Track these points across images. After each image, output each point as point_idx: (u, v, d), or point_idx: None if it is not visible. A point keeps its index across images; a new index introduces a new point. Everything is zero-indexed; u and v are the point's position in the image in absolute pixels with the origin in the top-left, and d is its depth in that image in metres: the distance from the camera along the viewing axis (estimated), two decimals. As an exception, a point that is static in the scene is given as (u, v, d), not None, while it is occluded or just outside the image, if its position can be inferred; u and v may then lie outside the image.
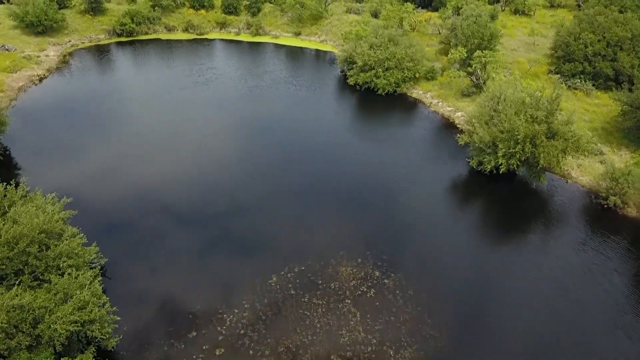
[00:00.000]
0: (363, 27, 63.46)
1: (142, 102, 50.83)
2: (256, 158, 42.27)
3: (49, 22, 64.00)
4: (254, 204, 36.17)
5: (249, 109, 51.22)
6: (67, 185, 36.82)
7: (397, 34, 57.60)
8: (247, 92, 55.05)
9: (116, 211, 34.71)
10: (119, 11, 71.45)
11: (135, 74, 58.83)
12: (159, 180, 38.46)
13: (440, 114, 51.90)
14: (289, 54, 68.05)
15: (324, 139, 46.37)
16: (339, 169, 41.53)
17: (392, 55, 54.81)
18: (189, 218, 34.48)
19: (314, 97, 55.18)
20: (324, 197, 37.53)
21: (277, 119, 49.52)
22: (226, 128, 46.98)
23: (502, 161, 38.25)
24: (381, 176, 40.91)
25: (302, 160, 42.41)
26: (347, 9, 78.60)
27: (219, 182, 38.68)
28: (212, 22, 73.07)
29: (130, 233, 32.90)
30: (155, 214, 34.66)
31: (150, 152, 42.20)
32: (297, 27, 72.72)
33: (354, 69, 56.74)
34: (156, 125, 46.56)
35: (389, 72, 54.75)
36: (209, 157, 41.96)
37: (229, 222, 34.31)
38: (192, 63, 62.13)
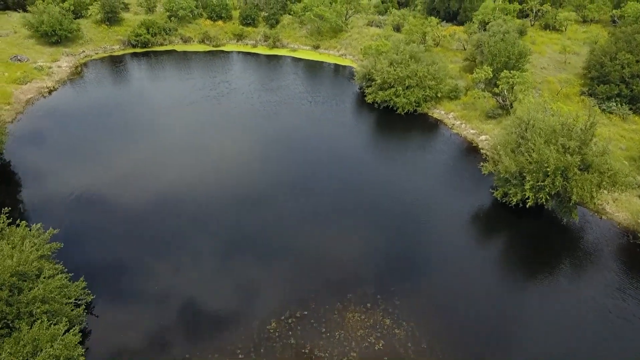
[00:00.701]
0: (384, 41, 60.83)
1: (147, 118, 48.90)
2: (262, 181, 39.79)
3: (64, 32, 62.95)
4: (257, 233, 33.63)
5: (259, 127, 48.90)
6: (62, 207, 34.91)
7: (419, 50, 54.73)
8: (259, 108, 52.80)
9: (112, 238, 32.54)
10: (135, 21, 70.22)
11: (145, 87, 57.16)
12: (159, 205, 36.23)
13: (462, 137, 48.76)
14: (306, 68, 65.72)
15: (337, 160, 43.71)
16: (353, 194, 38.81)
17: (413, 73, 51.95)
18: (186, 250, 32.09)
19: (330, 115, 52.62)
20: (333, 226, 34.82)
21: (288, 138, 47.09)
22: (232, 148, 44.63)
23: (529, 194, 34.99)
24: (398, 203, 38.09)
25: (312, 184, 39.79)
26: (368, 22, 76.02)
27: (219, 206, 36.26)
28: (229, 34, 71.28)
29: (125, 264, 30.63)
30: (153, 244, 32.37)
31: (150, 174, 40.08)
32: (316, 40, 70.42)
33: (372, 86, 54.03)
34: (157, 144, 44.43)
35: (410, 91, 51.88)
36: (211, 179, 39.60)
37: (229, 254, 31.81)
38: (205, 76, 60.23)
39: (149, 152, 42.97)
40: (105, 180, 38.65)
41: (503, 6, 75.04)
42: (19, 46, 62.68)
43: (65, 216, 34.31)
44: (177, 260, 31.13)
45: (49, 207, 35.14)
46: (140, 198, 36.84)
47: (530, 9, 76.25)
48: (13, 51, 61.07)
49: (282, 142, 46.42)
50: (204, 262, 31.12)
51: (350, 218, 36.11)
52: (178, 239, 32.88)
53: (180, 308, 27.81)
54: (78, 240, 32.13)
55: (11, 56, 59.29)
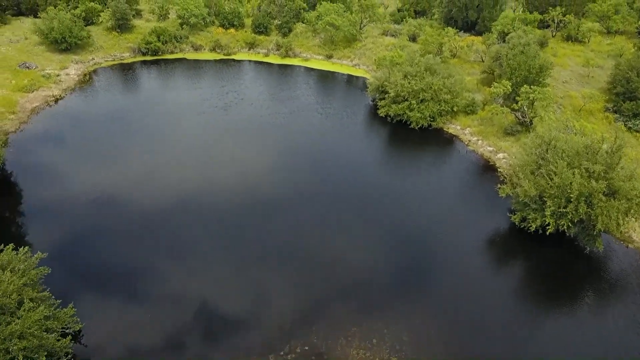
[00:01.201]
0: (398, 52, 58.94)
1: (153, 129, 47.55)
2: (266, 198, 38.07)
3: (74, 40, 62.18)
4: (258, 256, 31.87)
5: (266, 139, 47.28)
6: (59, 223, 33.57)
7: (434, 62, 52.68)
8: (267, 119, 51.21)
9: (109, 260, 31.03)
10: (147, 28, 69.31)
11: (153, 96, 55.96)
12: (156, 226, 34.69)
13: (479, 154, 46.56)
14: (318, 79, 64.06)
15: (346, 176, 41.89)
16: (362, 213, 37.00)
17: (428, 86, 49.93)
18: (184, 274, 30.46)
19: (341, 127, 50.82)
20: (340, 246, 32.96)
21: (295, 152, 45.39)
22: (234, 163, 42.98)
23: (550, 221, 32.73)
24: (410, 222, 36.30)
25: (319, 200, 38.00)
26: (383, 31, 74.15)
27: (218, 228, 34.58)
28: (241, 42, 69.98)
29: (120, 287, 29.09)
30: (150, 267, 30.80)
31: (151, 190, 38.61)
32: (329, 49, 68.78)
33: (385, 99, 52.10)
34: (160, 157, 42.94)
35: (424, 105, 49.85)
36: (213, 195, 37.94)
37: (226, 281, 30.08)
38: (215, 85, 58.88)
39: (151, 166, 41.53)
40: (104, 196, 37.25)
41: (523, 16, 72.67)
42: (29, 53, 62.06)
43: (61, 233, 32.96)
44: (172, 284, 29.50)
45: (45, 223, 33.84)
46: (140, 216, 35.34)
47: (551, 20, 73.73)
48: (22, 58, 60.43)
49: (289, 155, 44.71)
50: (198, 291, 29.42)
51: (358, 239, 34.22)
52: (175, 263, 31.27)
53: (174, 340, 26.12)
54: (72, 260, 30.71)
55: (20, 63, 58.62)
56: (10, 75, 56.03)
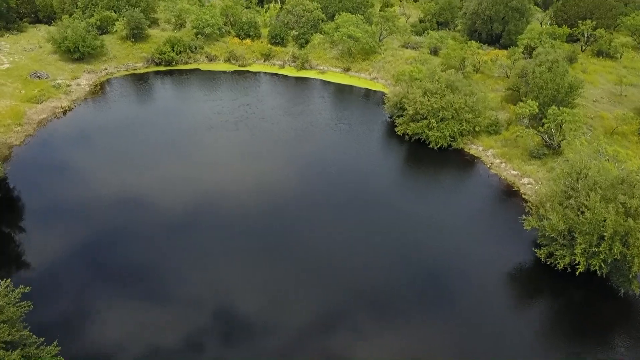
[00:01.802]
0: (418, 67, 56.45)
1: (156, 145, 45.67)
2: (272, 221, 35.91)
3: (86, 49, 61.14)
4: (263, 291, 29.63)
5: (276, 157, 45.21)
6: (53, 247, 31.85)
7: (456, 78, 50.01)
8: (278, 136, 49.14)
9: (102, 290, 29.15)
10: (162, 38, 68.07)
11: (162, 109, 54.35)
12: (153, 248, 32.75)
13: (502, 178, 43.67)
14: (334, 93, 61.84)
15: (360, 198, 39.61)
16: (376, 238, 34.89)
17: (448, 104, 47.30)
18: (183, 307, 28.38)
19: (356, 145, 48.48)
20: (350, 275, 30.60)
21: (306, 171, 43.19)
22: (241, 182, 40.95)
23: (580, 259, 29.85)
24: (425, 252, 34.04)
25: (329, 226, 35.79)
26: (403, 44, 71.68)
27: (219, 258, 32.46)
28: (257, 53, 68.22)
29: (112, 323, 27.13)
30: (149, 298, 28.81)
31: (150, 210, 36.74)
32: (346, 62, 66.59)
33: (403, 116, 49.59)
34: (162, 176, 41.04)
35: (444, 124, 47.20)
36: (212, 222, 35.83)
37: (228, 324, 27.88)
38: (227, 98, 57.11)
39: (154, 184, 39.69)
40: (104, 215, 35.53)
41: (551, 30, 69.57)
42: (41, 62, 61.20)
43: (58, 254, 31.27)
44: (169, 320, 27.43)
45: (39, 246, 32.17)
46: (142, 237, 33.48)
47: (581, 34, 70.40)
48: (34, 67, 59.56)
49: (299, 175, 42.50)
50: (199, 328, 27.28)
51: (369, 267, 31.90)
52: (177, 294, 29.22)
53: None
54: (64, 290, 28.90)
55: (31, 72, 57.70)
56: (20, 84, 55.11)
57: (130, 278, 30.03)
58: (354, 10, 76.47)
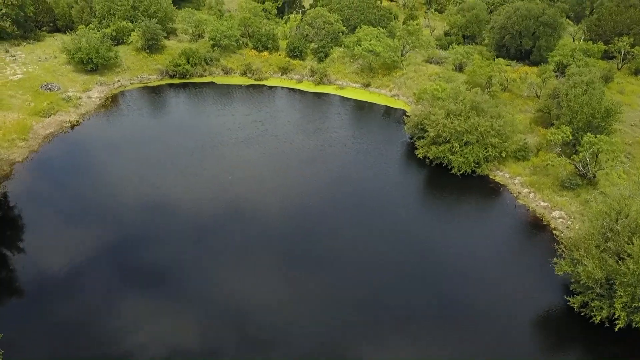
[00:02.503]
0: (441, 84, 53.29)
1: (160, 163, 43.55)
2: (281, 247, 33.36)
3: (100, 60, 59.72)
4: (270, 334, 26.98)
5: (286, 180, 42.74)
6: (45, 272, 29.83)
7: (482, 99, 46.76)
8: (291, 155, 46.66)
9: (91, 330, 26.94)
10: (178, 49, 66.37)
11: (170, 124, 52.30)
12: (149, 280, 30.42)
13: (530, 210, 40.21)
14: (352, 109, 59.09)
15: (376, 225, 37.30)
16: (393, 270, 32.80)
17: (473, 127, 44.07)
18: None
19: (373, 167, 45.67)
20: (367, 316, 27.77)
21: (318, 194, 40.64)
22: (246, 206, 38.50)
23: (620, 314, 26.41)
24: (445, 288, 31.59)
25: (341, 253, 33.46)
26: (427, 58, 68.58)
27: (220, 297, 29.96)
28: (274, 67, 65.93)
29: None
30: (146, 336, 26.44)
31: (147, 235, 34.54)
32: (366, 77, 63.78)
33: (425, 138, 46.51)
34: (163, 198, 38.87)
35: (468, 148, 43.96)
36: (211, 254, 33.43)
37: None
38: (240, 113, 54.86)
39: (153, 206, 37.55)
40: (101, 240, 33.50)
41: (585, 46, 65.67)
42: (55, 73, 60.00)
43: (51, 282, 29.30)
44: None
45: (29, 277, 30.23)
46: (140, 260, 31.23)
47: (617, 51, 66.30)
48: (47, 78, 58.36)
49: (310, 200, 39.86)
50: None
51: (387, 309, 29.33)
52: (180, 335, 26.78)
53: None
54: (50, 327, 26.76)
55: (42, 84, 56.45)
56: (30, 97, 53.82)
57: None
58: (376, 22, 73.75)
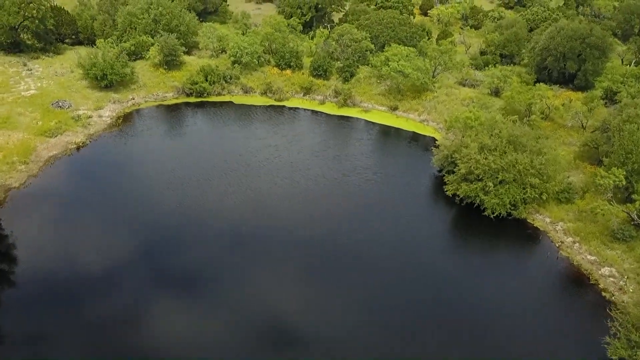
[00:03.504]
0: (475, 111, 48.54)
1: (164, 193, 40.62)
2: (292, 295, 29.44)
3: (114, 77, 57.27)
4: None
5: (298, 214, 39.11)
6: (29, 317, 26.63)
7: (521, 132, 41.82)
8: (305, 186, 42.97)
9: None
10: (197, 65, 63.53)
11: (178, 148, 49.10)
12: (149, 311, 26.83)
13: (574, 264, 35.07)
14: (377, 135, 54.84)
15: (397, 269, 33.74)
16: (417, 322, 29.40)
17: (510, 165, 39.20)
18: None
19: (397, 204, 41.53)
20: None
21: (332, 239, 36.45)
22: (250, 245, 34.85)
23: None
24: (474, 343, 28.03)
25: (361, 310, 29.41)
26: (460, 80, 63.80)
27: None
28: (296, 86, 62.28)
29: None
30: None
31: (137, 274, 31.11)
32: (394, 99, 59.41)
33: (455, 173, 41.87)
34: (160, 236, 35.61)
35: (504, 188, 39.09)
36: (203, 307, 29.74)
37: None
38: (255, 137, 51.36)
39: (149, 245, 34.22)
40: (92, 278, 30.38)
41: (638, 71, 59.72)
42: (69, 89, 57.87)
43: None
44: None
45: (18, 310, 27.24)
46: (131, 301, 27.71)
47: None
48: (59, 95, 56.22)
49: (323, 243, 35.80)
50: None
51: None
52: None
53: None
54: None
55: (53, 101, 54.26)
56: (39, 114, 51.61)
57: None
58: (407, 40, 69.36)
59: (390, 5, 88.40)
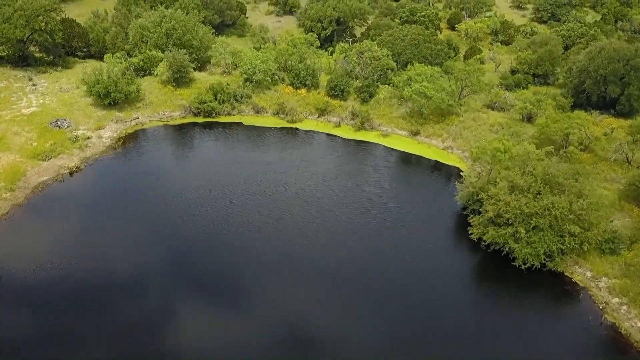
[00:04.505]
0: (505, 141, 43.51)
1: (154, 224, 37.63)
2: None
3: (118, 95, 54.17)
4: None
5: (302, 259, 34.84)
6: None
7: (559, 170, 36.67)
8: (311, 222, 39.05)
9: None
10: (208, 82, 60.13)
11: (180, 172, 45.87)
12: None
13: (622, 332, 29.81)
14: (395, 163, 50.27)
15: (417, 324, 29.77)
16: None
17: (546, 209, 34.18)
18: None
19: (414, 248, 36.98)
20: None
21: (342, 283, 32.27)
22: (230, 314, 30.60)
23: None
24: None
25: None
26: (489, 102, 58.75)
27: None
28: (311, 107, 58.15)
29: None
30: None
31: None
32: (415, 123, 54.73)
33: (481, 214, 37.01)
34: (146, 275, 31.80)
35: (537, 236, 34.07)
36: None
37: None
38: (260, 161, 47.55)
39: (139, 285, 30.32)
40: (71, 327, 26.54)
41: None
42: (71, 106, 55.04)
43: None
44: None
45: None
46: None
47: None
48: (60, 113, 53.40)
49: (333, 289, 31.54)
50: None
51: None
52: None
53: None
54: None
55: (53, 120, 51.39)
56: (36, 134, 48.76)
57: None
58: (431, 58, 64.68)
59: (416, 19, 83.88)
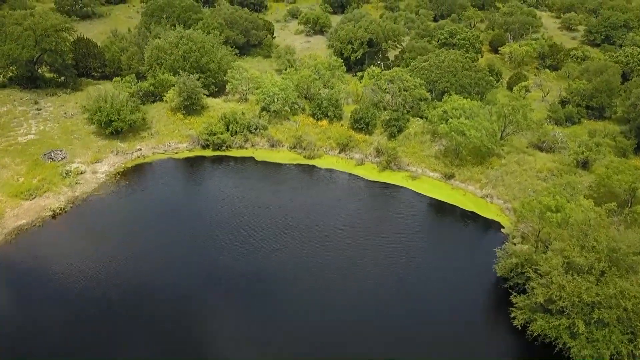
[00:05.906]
0: (558, 198, 35.97)
1: (138, 289, 31.35)
2: None
3: (120, 124, 49.48)
4: None
5: (304, 339, 28.21)
6: None
7: (630, 243, 29.11)
8: (314, 292, 32.32)
9: None
10: (221, 110, 55.01)
11: (175, 219, 40.09)
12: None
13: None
14: (424, 213, 43.47)
15: None
16: None
17: (613, 297, 26.71)
18: None
19: (441, 330, 29.92)
20: None
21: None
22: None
23: None
24: None
25: None
26: (536, 141, 51.21)
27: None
28: (332, 141, 52.02)
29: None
30: None
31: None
32: (450, 164, 47.80)
33: (527, 294, 29.80)
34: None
35: (601, 332, 26.61)
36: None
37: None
38: (269, 206, 41.80)
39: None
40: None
41: None
42: (71, 134, 50.80)
43: None
44: None
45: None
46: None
47: None
48: (59, 142, 49.21)
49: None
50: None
51: None
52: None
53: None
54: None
55: (47, 151, 47.10)
56: (25, 168, 44.45)
57: None
58: (470, 88, 57.65)
59: (455, 42, 76.91)
